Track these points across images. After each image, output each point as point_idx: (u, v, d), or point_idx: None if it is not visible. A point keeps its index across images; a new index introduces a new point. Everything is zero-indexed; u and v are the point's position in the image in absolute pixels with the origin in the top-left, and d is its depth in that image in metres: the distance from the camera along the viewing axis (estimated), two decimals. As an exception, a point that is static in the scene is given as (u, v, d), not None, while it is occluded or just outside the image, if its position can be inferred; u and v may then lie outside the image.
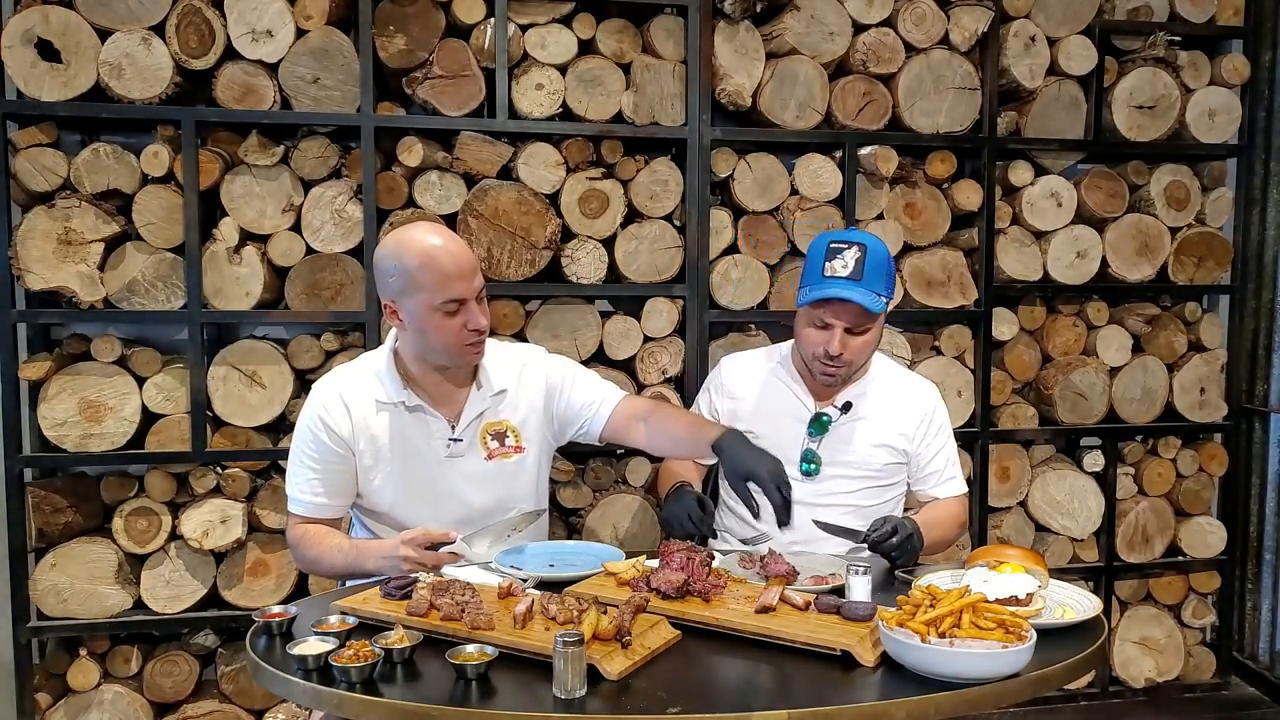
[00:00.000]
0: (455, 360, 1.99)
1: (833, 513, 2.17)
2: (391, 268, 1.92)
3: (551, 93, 2.86)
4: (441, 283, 1.88)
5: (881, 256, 2.11)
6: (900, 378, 2.34)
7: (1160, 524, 3.42)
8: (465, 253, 1.95)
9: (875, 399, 2.26)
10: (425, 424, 2.03)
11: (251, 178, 2.75)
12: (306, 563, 2.06)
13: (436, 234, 1.95)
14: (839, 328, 2.10)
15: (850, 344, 2.12)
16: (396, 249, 1.93)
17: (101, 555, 2.73)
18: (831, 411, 2.23)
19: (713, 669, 1.49)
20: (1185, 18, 3.29)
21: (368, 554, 1.93)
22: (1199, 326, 3.43)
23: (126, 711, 2.79)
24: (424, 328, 1.93)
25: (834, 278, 2.08)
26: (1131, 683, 3.42)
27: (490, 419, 2.08)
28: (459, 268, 1.90)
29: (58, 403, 2.68)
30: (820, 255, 2.12)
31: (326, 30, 2.72)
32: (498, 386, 2.08)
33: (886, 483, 2.27)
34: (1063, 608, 1.67)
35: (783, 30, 2.98)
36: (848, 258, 2.08)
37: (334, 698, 1.38)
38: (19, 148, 2.65)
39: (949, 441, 2.33)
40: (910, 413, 2.27)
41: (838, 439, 2.23)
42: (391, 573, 1.82)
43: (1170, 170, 3.33)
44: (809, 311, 2.14)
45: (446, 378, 2.04)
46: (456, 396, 2.05)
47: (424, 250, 1.90)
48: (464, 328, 1.92)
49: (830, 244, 2.12)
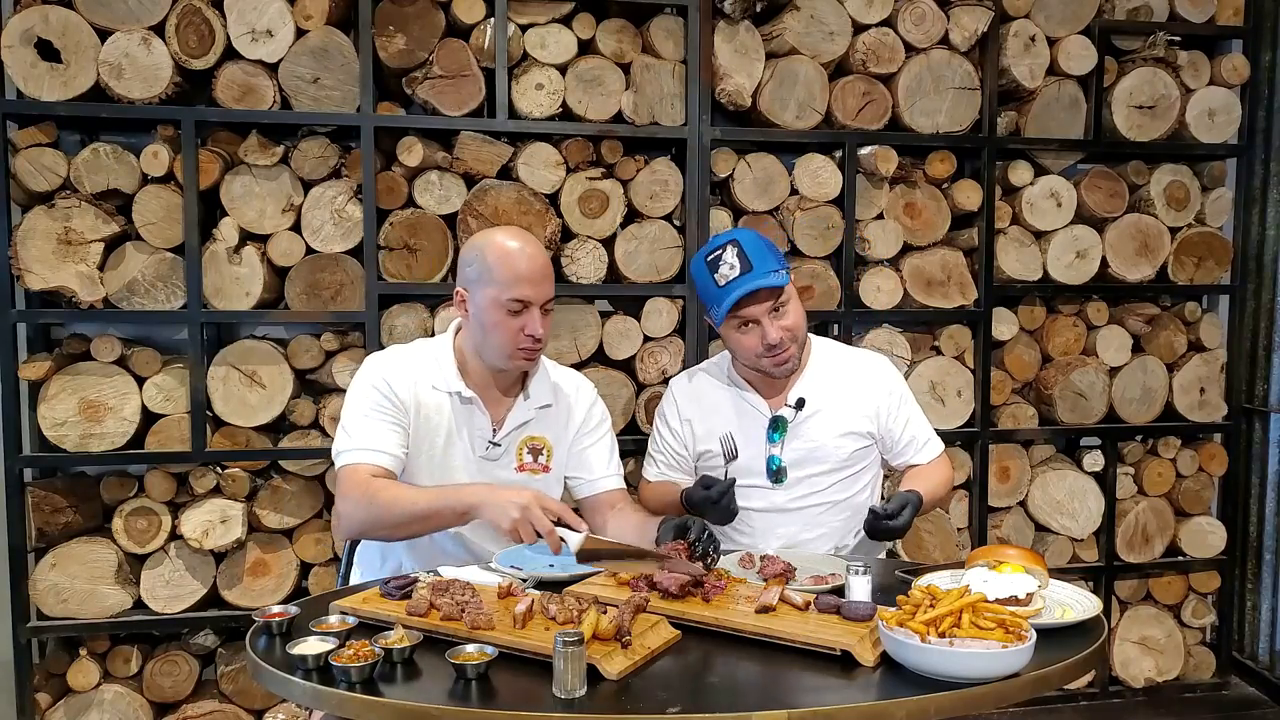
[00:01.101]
0: (506, 362, 2.00)
1: (808, 514, 2.17)
2: (472, 258, 1.98)
3: (551, 93, 2.86)
4: (512, 281, 1.93)
5: (756, 241, 2.10)
6: (845, 358, 2.29)
7: (1160, 524, 3.42)
8: (545, 262, 2.00)
9: (828, 386, 2.21)
10: (472, 419, 2.04)
11: (251, 178, 2.75)
12: (377, 507, 1.86)
13: (521, 238, 2.00)
14: (763, 317, 2.08)
15: (782, 324, 2.10)
16: (483, 242, 2.00)
17: (101, 555, 2.73)
18: (787, 412, 2.19)
19: (713, 669, 1.49)
20: (1185, 18, 3.29)
21: (474, 491, 1.87)
22: (1199, 326, 3.43)
23: (126, 711, 2.79)
24: (485, 321, 1.97)
25: (728, 283, 2.06)
26: (1131, 683, 3.42)
27: (531, 432, 2.09)
28: (532, 272, 1.95)
29: (58, 403, 2.68)
30: (706, 273, 2.10)
31: (326, 30, 2.73)
32: (543, 400, 2.10)
33: (857, 469, 2.23)
34: (1063, 608, 1.66)
35: (783, 30, 2.98)
36: (729, 258, 2.07)
37: (334, 698, 1.38)
38: (19, 148, 2.65)
39: (914, 408, 2.29)
40: (868, 392, 2.22)
41: (800, 437, 2.19)
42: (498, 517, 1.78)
43: (1170, 170, 3.33)
44: (728, 324, 2.12)
45: (496, 380, 2.06)
46: (503, 402, 2.07)
47: (505, 248, 1.96)
48: (522, 331, 1.95)
49: (707, 258, 2.10)
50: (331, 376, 2.84)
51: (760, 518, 2.19)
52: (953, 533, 3.23)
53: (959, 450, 3.23)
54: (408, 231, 2.81)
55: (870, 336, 3.13)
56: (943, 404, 3.15)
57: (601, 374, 2.94)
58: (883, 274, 3.11)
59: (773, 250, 2.13)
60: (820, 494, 2.20)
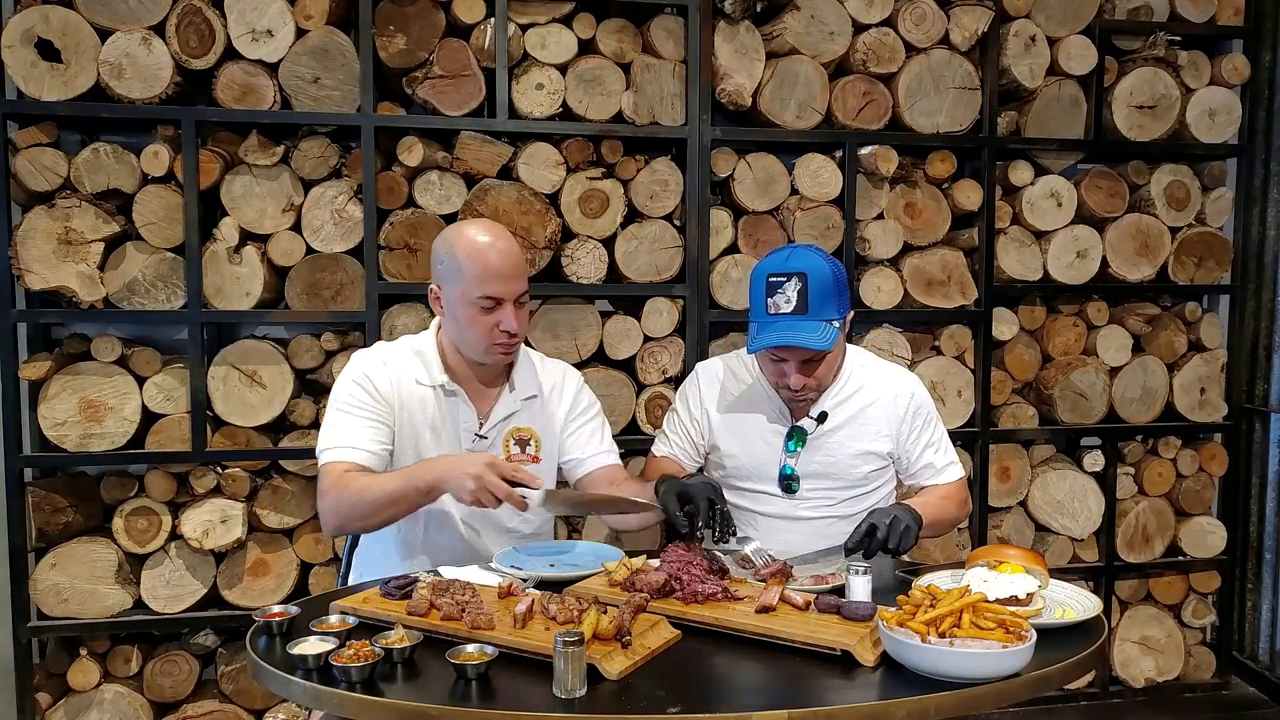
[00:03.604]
0: (483, 357, 2.01)
1: (814, 524, 2.15)
2: (443, 254, 1.98)
3: (552, 92, 2.86)
4: (482, 278, 1.93)
5: (825, 280, 1.98)
6: (876, 374, 2.21)
7: (1160, 524, 3.42)
8: (515, 256, 1.98)
9: (852, 403, 2.17)
10: (457, 413, 2.04)
11: (251, 177, 2.75)
12: (348, 499, 1.87)
13: (491, 233, 1.98)
14: (793, 365, 2.02)
15: (810, 375, 2.04)
16: (454, 236, 1.99)
17: (101, 555, 2.73)
18: (808, 423, 2.15)
19: (713, 669, 1.49)
20: (1185, 17, 3.30)
21: (432, 467, 1.86)
22: (1199, 326, 3.43)
23: (126, 711, 2.79)
24: (459, 318, 1.97)
25: (778, 315, 1.99)
26: (1131, 683, 3.42)
27: (517, 424, 2.09)
28: (502, 268, 1.94)
29: (58, 402, 2.68)
30: (761, 291, 2.01)
31: (327, 30, 2.72)
32: (528, 391, 2.10)
33: (869, 489, 2.21)
34: (1063, 608, 1.67)
35: (783, 30, 2.98)
36: (789, 291, 1.98)
37: (334, 697, 1.38)
38: (19, 147, 2.65)
39: (937, 430, 2.24)
40: (889, 411, 2.17)
41: (818, 450, 2.16)
42: (458, 488, 1.78)
43: (1170, 170, 3.33)
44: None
45: (478, 374, 2.06)
46: (488, 395, 2.08)
47: (476, 244, 1.95)
48: (496, 327, 1.95)
49: (770, 278, 2.01)
50: (332, 376, 2.83)
51: (767, 523, 2.18)
52: (953, 533, 3.22)
53: (959, 450, 3.22)
54: (408, 231, 2.81)
55: (870, 336, 3.13)
56: (943, 404, 3.15)
57: (602, 374, 2.94)
58: (883, 274, 3.11)
59: (839, 294, 2.02)
60: (831, 507, 2.18)
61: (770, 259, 2.07)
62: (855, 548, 1.85)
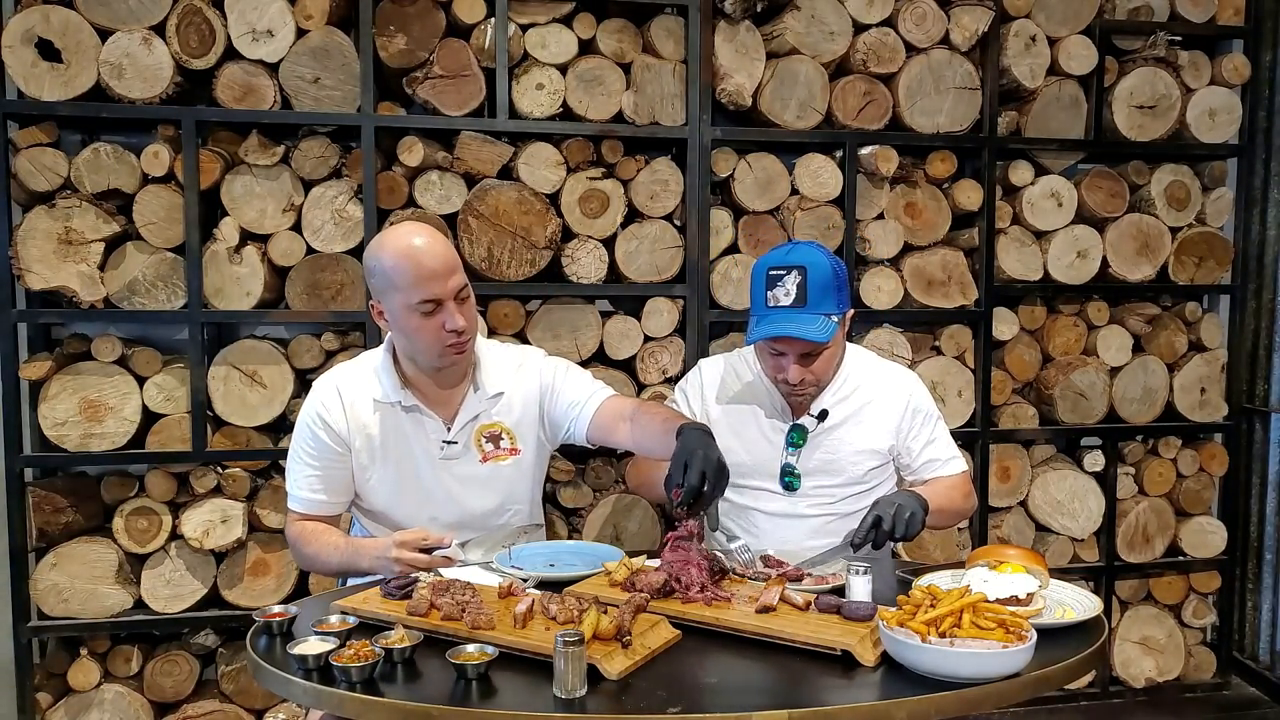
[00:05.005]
0: (437, 362, 1.97)
1: (814, 522, 2.15)
2: (373, 267, 1.92)
3: (552, 92, 2.86)
4: (416, 282, 1.86)
5: (825, 274, 2.01)
6: (875, 372, 2.24)
7: (1160, 524, 3.42)
8: (444, 252, 1.90)
9: (853, 401, 2.18)
10: (421, 425, 2.02)
11: (252, 178, 2.75)
12: (304, 559, 2.06)
13: (417, 234, 1.91)
14: (791, 358, 2.04)
15: (808, 368, 2.06)
16: (377, 248, 1.93)
17: (102, 555, 2.73)
18: (809, 421, 2.16)
19: (713, 669, 1.49)
20: (1185, 17, 3.29)
21: (362, 553, 1.94)
22: (1199, 326, 3.43)
23: (127, 711, 2.79)
24: (405, 328, 1.92)
25: (776, 308, 2.01)
26: (1132, 683, 3.42)
27: (485, 421, 2.06)
28: (434, 268, 1.87)
29: (58, 402, 2.68)
30: (761, 285, 2.04)
31: (327, 30, 2.73)
32: (495, 389, 2.06)
33: (870, 486, 2.21)
34: (1063, 608, 1.67)
35: (783, 30, 2.98)
36: (788, 284, 2.00)
37: (334, 697, 1.38)
38: (19, 147, 2.65)
39: (938, 427, 2.25)
40: (889, 409, 2.19)
41: (819, 448, 2.17)
42: (385, 573, 1.82)
43: (1170, 170, 3.33)
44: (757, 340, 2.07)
45: (438, 380, 2.02)
46: (452, 398, 2.04)
47: (400, 249, 1.88)
48: (442, 328, 1.90)
49: (770, 271, 2.03)
50: (332, 376, 2.84)
51: (768, 520, 2.18)
52: (953, 533, 3.22)
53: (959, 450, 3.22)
54: (408, 231, 2.81)
55: (871, 336, 3.13)
56: (943, 404, 3.14)
57: (602, 374, 2.94)
58: (883, 274, 3.11)
59: (837, 288, 2.04)
60: (831, 505, 2.18)
61: (772, 254, 2.09)
62: (862, 542, 1.86)
